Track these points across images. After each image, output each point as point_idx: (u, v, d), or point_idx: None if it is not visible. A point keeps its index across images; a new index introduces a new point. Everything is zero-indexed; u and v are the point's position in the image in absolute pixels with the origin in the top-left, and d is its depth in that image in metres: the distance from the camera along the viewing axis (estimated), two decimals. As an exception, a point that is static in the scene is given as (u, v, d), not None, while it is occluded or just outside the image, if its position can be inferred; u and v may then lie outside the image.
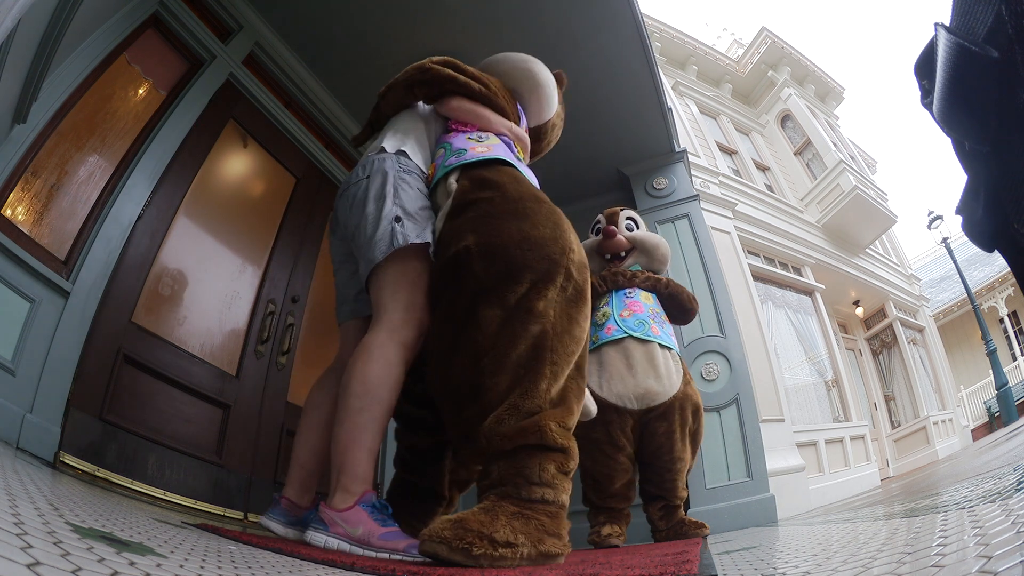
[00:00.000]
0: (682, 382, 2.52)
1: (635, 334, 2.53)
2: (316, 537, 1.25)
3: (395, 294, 1.44)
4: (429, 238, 1.49)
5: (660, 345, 2.55)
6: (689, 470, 2.58)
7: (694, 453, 2.57)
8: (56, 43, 1.74)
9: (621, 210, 3.01)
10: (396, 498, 1.65)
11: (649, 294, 2.74)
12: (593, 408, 1.64)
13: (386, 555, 1.20)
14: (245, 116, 2.96)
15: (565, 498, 1.20)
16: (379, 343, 1.38)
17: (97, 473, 1.83)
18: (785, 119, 9.66)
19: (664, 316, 2.73)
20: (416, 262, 1.47)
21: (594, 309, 2.54)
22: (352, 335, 1.69)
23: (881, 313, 9.37)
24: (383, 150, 1.66)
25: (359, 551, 1.22)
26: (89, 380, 1.94)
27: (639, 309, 2.66)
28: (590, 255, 2.58)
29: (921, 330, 9.76)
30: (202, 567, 0.65)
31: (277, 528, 1.48)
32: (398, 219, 1.47)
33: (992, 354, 9.07)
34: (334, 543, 1.23)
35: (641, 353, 2.49)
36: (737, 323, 3.88)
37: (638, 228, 2.98)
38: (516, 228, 1.36)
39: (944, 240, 10.43)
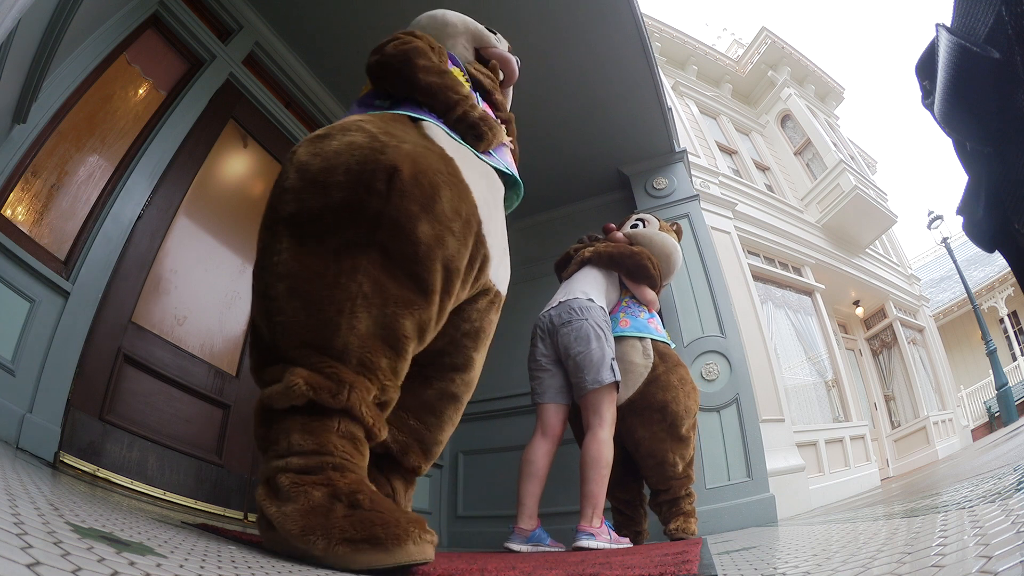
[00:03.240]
0: (644, 381, 2.49)
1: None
2: (588, 542, 2.09)
3: (609, 407, 2.33)
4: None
5: (625, 337, 2.59)
6: (687, 463, 2.53)
7: (675, 446, 2.48)
8: (56, 43, 1.74)
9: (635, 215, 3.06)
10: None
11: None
12: None
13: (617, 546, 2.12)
14: (245, 116, 2.96)
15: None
16: (607, 438, 2.28)
17: (97, 473, 1.84)
18: (785, 119, 9.66)
19: (638, 302, 2.72)
20: (615, 392, 2.38)
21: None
22: (553, 415, 2.43)
23: (881, 313, 9.37)
24: (592, 300, 2.51)
25: (612, 546, 2.10)
26: (89, 380, 1.94)
27: (613, 309, 2.70)
28: None
29: (921, 330, 9.76)
30: (202, 567, 0.65)
31: (522, 548, 2.22)
32: (614, 359, 2.39)
33: (992, 354, 9.07)
34: (597, 544, 2.09)
35: None
36: (737, 323, 3.88)
37: (645, 227, 2.96)
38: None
39: (944, 240, 10.43)
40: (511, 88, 1.96)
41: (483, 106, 1.63)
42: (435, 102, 1.42)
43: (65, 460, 1.75)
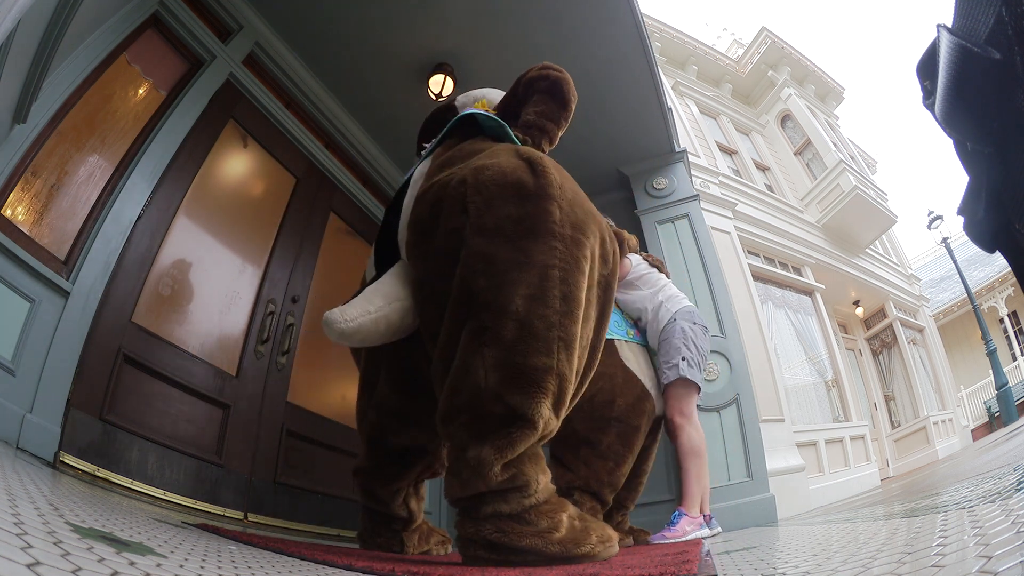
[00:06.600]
0: None
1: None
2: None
3: None
4: None
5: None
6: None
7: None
8: (56, 43, 1.74)
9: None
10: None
11: None
12: None
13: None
14: (245, 116, 2.96)
15: None
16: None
17: (97, 473, 1.83)
18: (785, 119, 9.66)
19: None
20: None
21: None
22: None
23: (881, 313, 9.37)
24: None
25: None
26: (89, 380, 1.93)
27: None
28: None
29: (921, 330, 9.76)
30: (202, 567, 0.65)
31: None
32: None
33: (992, 354, 9.07)
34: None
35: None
36: (737, 323, 3.88)
37: None
38: None
39: (944, 240, 10.43)
40: None
41: None
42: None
43: (65, 460, 1.75)
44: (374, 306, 1.28)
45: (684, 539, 2.13)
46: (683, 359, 2.33)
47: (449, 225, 1.22)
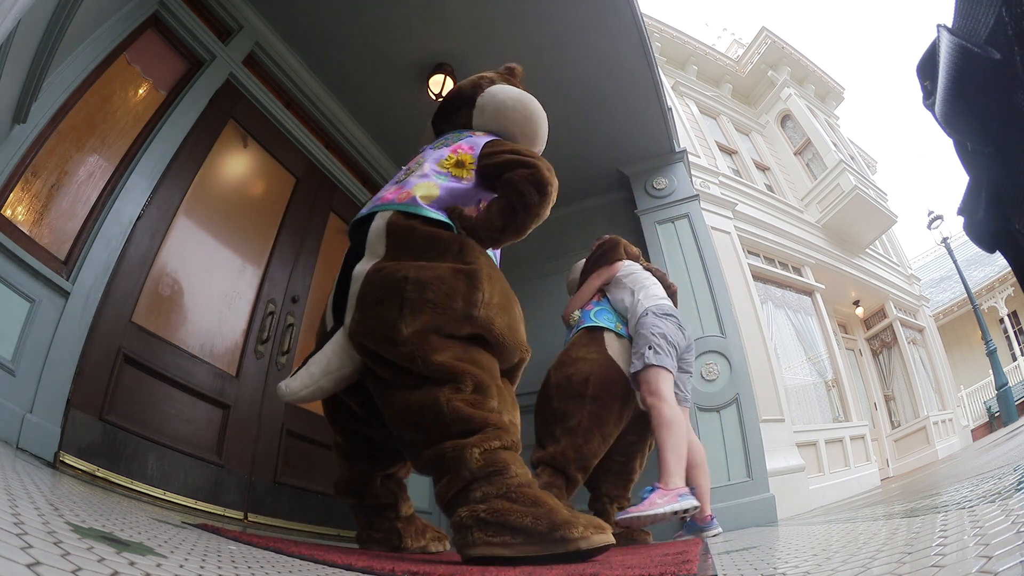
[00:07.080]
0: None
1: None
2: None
3: None
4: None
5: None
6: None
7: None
8: (56, 43, 1.74)
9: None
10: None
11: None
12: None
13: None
14: (245, 116, 2.96)
15: None
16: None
17: (97, 473, 1.83)
18: (785, 119, 9.66)
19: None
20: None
21: None
22: None
23: (881, 313, 9.37)
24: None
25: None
26: (89, 380, 1.93)
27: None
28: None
29: (921, 330, 9.76)
30: (202, 567, 0.65)
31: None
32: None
33: (992, 354, 9.07)
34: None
35: None
36: (737, 323, 3.88)
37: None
38: None
39: (944, 240, 10.43)
40: None
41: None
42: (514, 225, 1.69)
43: (65, 460, 1.75)
44: (312, 379, 1.56)
45: (650, 512, 2.04)
46: (649, 347, 2.40)
47: (388, 317, 1.45)
